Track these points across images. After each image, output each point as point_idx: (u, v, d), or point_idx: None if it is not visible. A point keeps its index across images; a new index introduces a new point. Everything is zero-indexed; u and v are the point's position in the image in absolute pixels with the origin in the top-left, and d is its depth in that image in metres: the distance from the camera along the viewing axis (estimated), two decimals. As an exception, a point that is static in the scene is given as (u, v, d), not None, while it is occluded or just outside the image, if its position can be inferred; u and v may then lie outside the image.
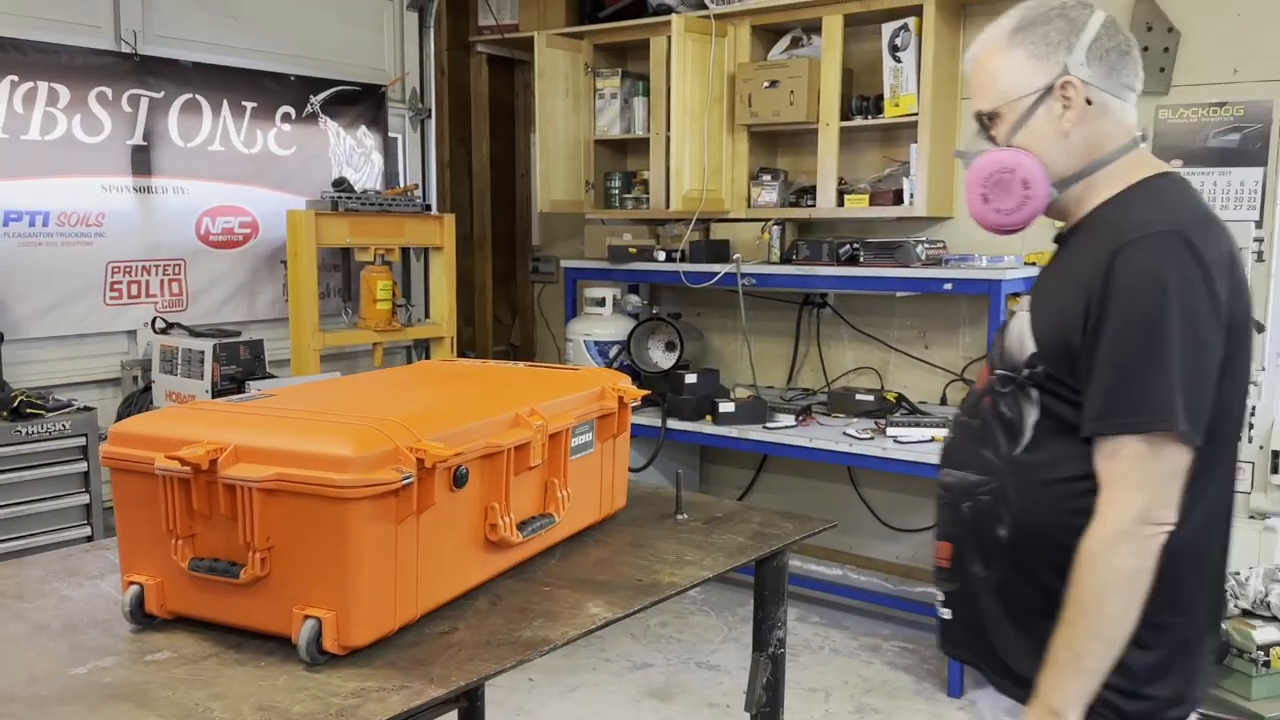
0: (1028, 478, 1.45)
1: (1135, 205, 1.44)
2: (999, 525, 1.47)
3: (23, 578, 1.83)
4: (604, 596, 1.76)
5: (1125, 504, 1.35)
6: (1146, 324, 1.34)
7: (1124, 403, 1.34)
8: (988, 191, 1.49)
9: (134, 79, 3.96)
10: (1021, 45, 1.47)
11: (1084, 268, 1.41)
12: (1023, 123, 1.46)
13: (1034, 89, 1.46)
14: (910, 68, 4.13)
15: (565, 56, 4.87)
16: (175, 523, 1.54)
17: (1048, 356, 1.43)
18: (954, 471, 1.56)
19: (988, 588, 1.50)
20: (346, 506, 1.45)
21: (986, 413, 1.51)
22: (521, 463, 1.80)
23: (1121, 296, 1.35)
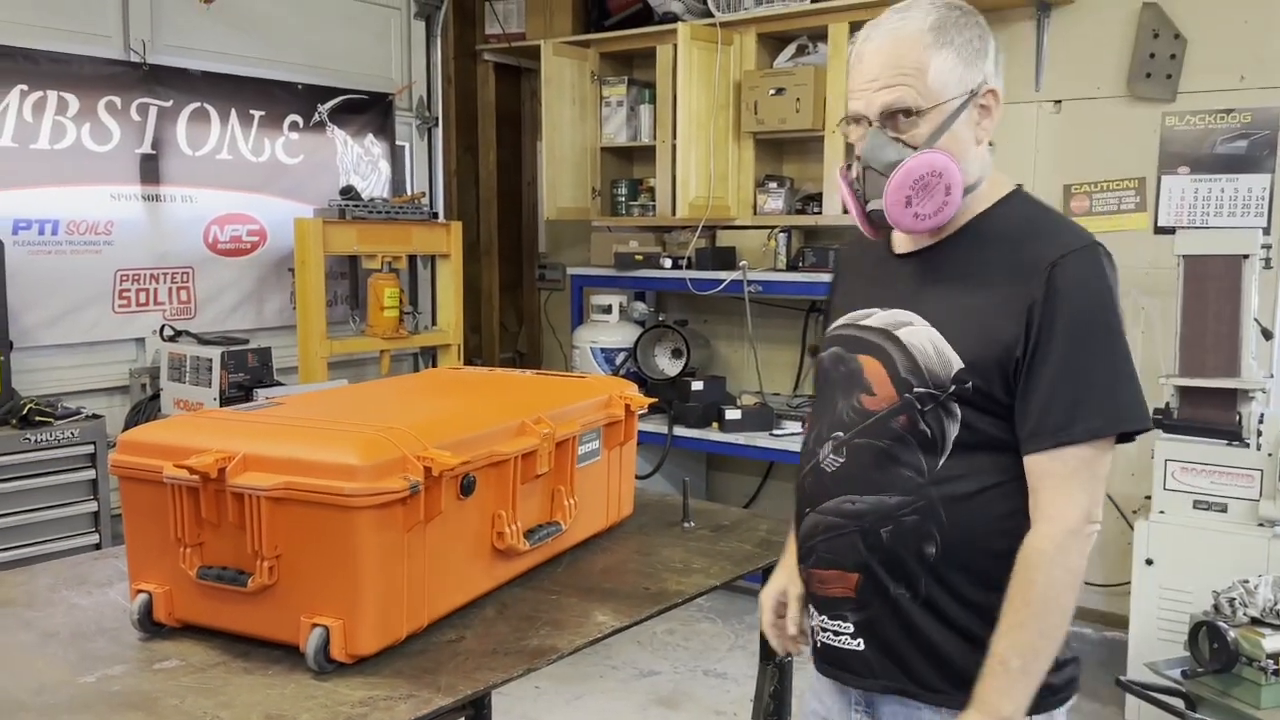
0: (953, 491, 1.43)
1: (1029, 220, 1.47)
2: (927, 543, 1.44)
3: (33, 586, 1.83)
4: (611, 605, 1.76)
5: (1073, 505, 1.38)
6: (1100, 333, 1.38)
7: (1094, 409, 1.37)
8: (913, 194, 1.42)
9: (143, 88, 3.98)
10: (948, 46, 1.42)
11: (1002, 280, 1.41)
12: (946, 126, 1.42)
13: (961, 93, 1.43)
14: (916, 75, 4.12)
15: (572, 65, 4.89)
16: (184, 531, 1.55)
17: (979, 371, 1.40)
18: (862, 498, 1.48)
19: (914, 606, 1.46)
20: (354, 515, 1.46)
21: (900, 432, 1.45)
22: (528, 471, 1.80)
23: (1071, 309, 1.37)
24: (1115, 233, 4.09)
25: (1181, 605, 3.27)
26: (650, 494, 2.42)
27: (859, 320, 1.54)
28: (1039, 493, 1.39)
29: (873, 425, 1.48)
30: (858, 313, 1.55)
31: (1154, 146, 4.03)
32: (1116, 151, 4.11)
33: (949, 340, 1.42)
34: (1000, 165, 4.32)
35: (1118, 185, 4.11)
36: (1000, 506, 1.42)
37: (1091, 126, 4.16)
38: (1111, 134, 4.12)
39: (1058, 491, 1.38)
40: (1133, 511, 3.94)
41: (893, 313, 1.50)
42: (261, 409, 1.78)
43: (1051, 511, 1.38)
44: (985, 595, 1.42)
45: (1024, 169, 4.29)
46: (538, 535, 1.84)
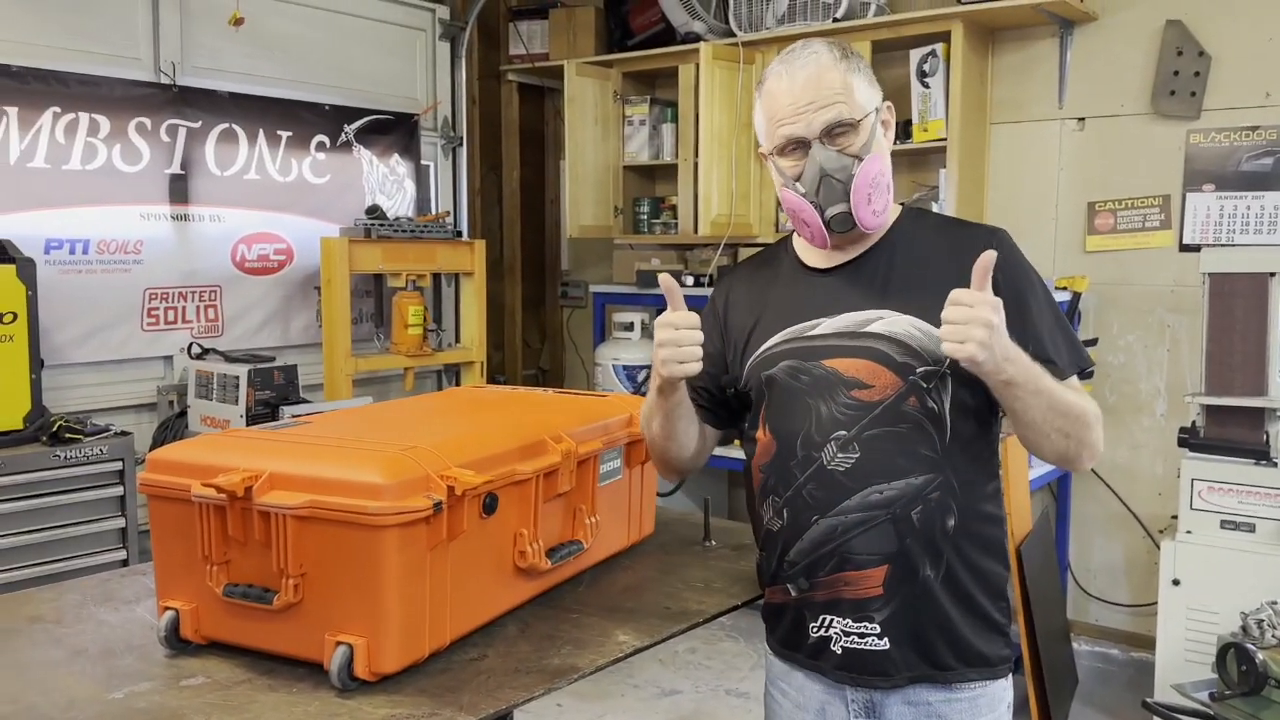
0: (958, 458, 1.57)
1: (945, 222, 1.74)
2: (948, 516, 1.56)
3: (62, 603, 1.86)
4: (632, 624, 1.76)
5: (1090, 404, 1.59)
6: (1047, 293, 1.62)
7: (1080, 350, 1.64)
8: (871, 192, 1.57)
9: (172, 109, 4.04)
10: (857, 71, 1.59)
11: (956, 259, 1.54)
12: (873, 136, 1.59)
13: (873, 109, 1.60)
14: (939, 93, 4.14)
15: (594, 84, 4.92)
16: (210, 549, 1.57)
17: None
18: (891, 484, 1.56)
19: (935, 585, 1.57)
20: (378, 534, 1.47)
21: (913, 413, 1.56)
22: (550, 489, 1.81)
23: (1026, 278, 1.59)
24: (1140, 250, 4.07)
25: (1209, 626, 3.23)
26: (671, 512, 2.42)
27: (805, 332, 1.62)
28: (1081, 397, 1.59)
29: (884, 413, 1.56)
30: (796, 327, 1.63)
31: (1178, 164, 4.01)
32: (1140, 169, 4.09)
33: (929, 320, 1.52)
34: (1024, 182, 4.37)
35: (1142, 203, 4.09)
36: (988, 470, 1.61)
37: (1115, 144, 4.15)
38: (1135, 151, 4.10)
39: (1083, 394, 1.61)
40: (1159, 531, 3.91)
41: (848, 316, 1.60)
42: (288, 428, 1.81)
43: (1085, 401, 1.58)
44: (988, 562, 1.60)
45: (1047, 186, 4.28)
46: (559, 554, 1.84)
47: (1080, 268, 4.18)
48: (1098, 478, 4.20)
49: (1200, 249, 3.69)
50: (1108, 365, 4.18)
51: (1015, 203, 4.34)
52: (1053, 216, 4.28)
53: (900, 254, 1.64)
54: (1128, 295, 4.10)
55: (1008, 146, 4.36)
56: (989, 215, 4.38)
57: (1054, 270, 4.21)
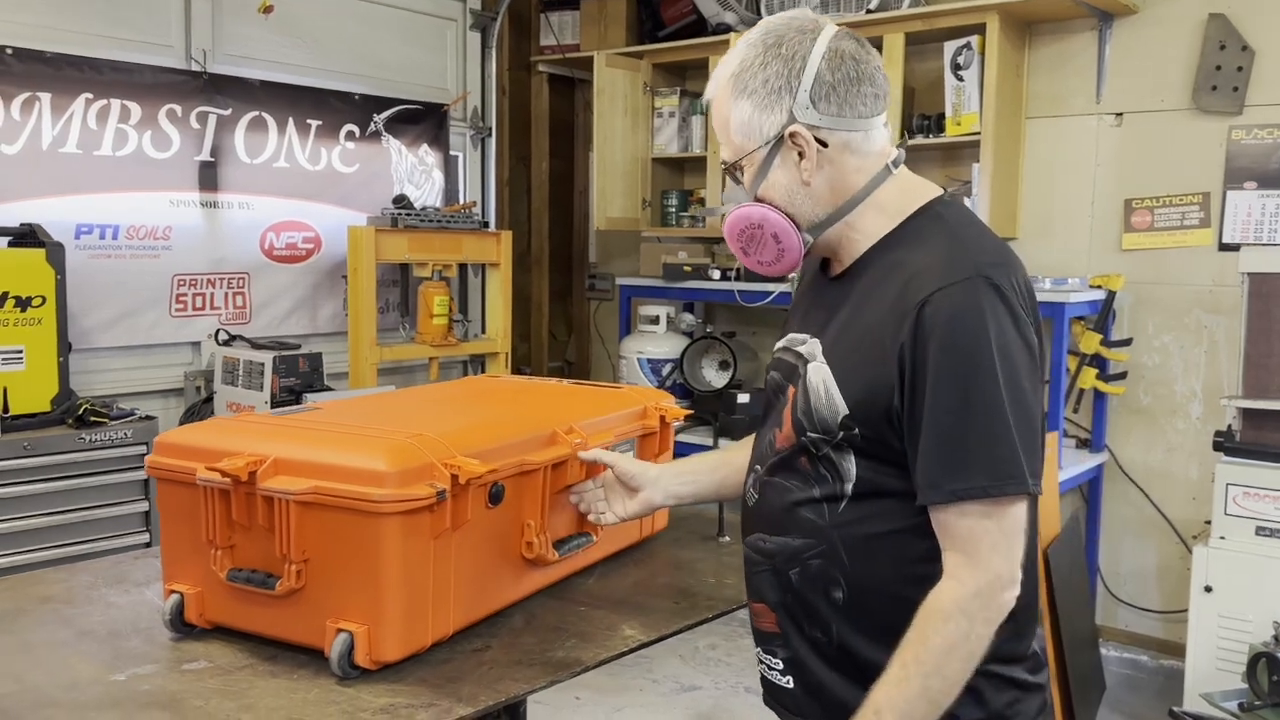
0: (855, 534, 1.36)
1: (923, 245, 1.35)
2: (833, 588, 1.38)
3: (73, 583, 1.87)
4: (640, 618, 1.74)
5: (978, 568, 1.26)
6: (969, 381, 1.25)
7: (963, 468, 1.25)
8: (745, 245, 1.43)
9: (203, 97, 4.07)
10: (744, 94, 1.37)
11: (884, 319, 1.32)
12: (762, 175, 1.38)
13: (764, 141, 1.37)
14: (973, 86, 4.07)
15: (625, 76, 4.89)
16: (215, 533, 1.56)
17: (862, 419, 1.33)
18: (772, 538, 1.44)
19: (829, 650, 1.40)
20: (381, 521, 1.46)
21: (802, 472, 1.40)
22: (559, 480, 1.79)
23: (938, 354, 1.26)
24: (1178, 249, 3.98)
25: (1241, 635, 3.16)
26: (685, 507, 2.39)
27: (795, 345, 1.47)
28: (945, 550, 1.29)
29: (778, 464, 1.44)
30: (795, 335, 1.49)
31: (1219, 160, 3.92)
32: (1180, 165, 4.00)
33: (838, 382, 1.35)
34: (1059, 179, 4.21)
35: (1181, 200, 4.00)
36: (909, 551, 1.33)
37: (1154, 140, 4.06)
38: (1175, 147, 4.01)
39: (963, 552, 1.27)
40: (1192, 536, 3.83)
41: (814, 342, 1.43)
42: (299, 413, 1.80)
43: (957, 572, 1.27)
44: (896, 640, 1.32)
45: (1083, 182, 4.20)
46: (568, 546, 1.82)
47: (1116, 266, 4.09)
48: (1130, 480, 4.12)
49: (1240, 248, 3.60)
50: (1142, 366, 4.10)
51: (1050, 199, 4.27)
52: (1088, 214, 4.20)
53: (860, 286, 1.40)
54: (1164, 295, 4.01)
55: (1043, 142, 4.28)
56: (1023, 212, 4.30)
57: (1088, 268, 4.13)
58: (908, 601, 1.31)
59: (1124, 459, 4.14)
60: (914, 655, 1.27)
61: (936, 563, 1.31)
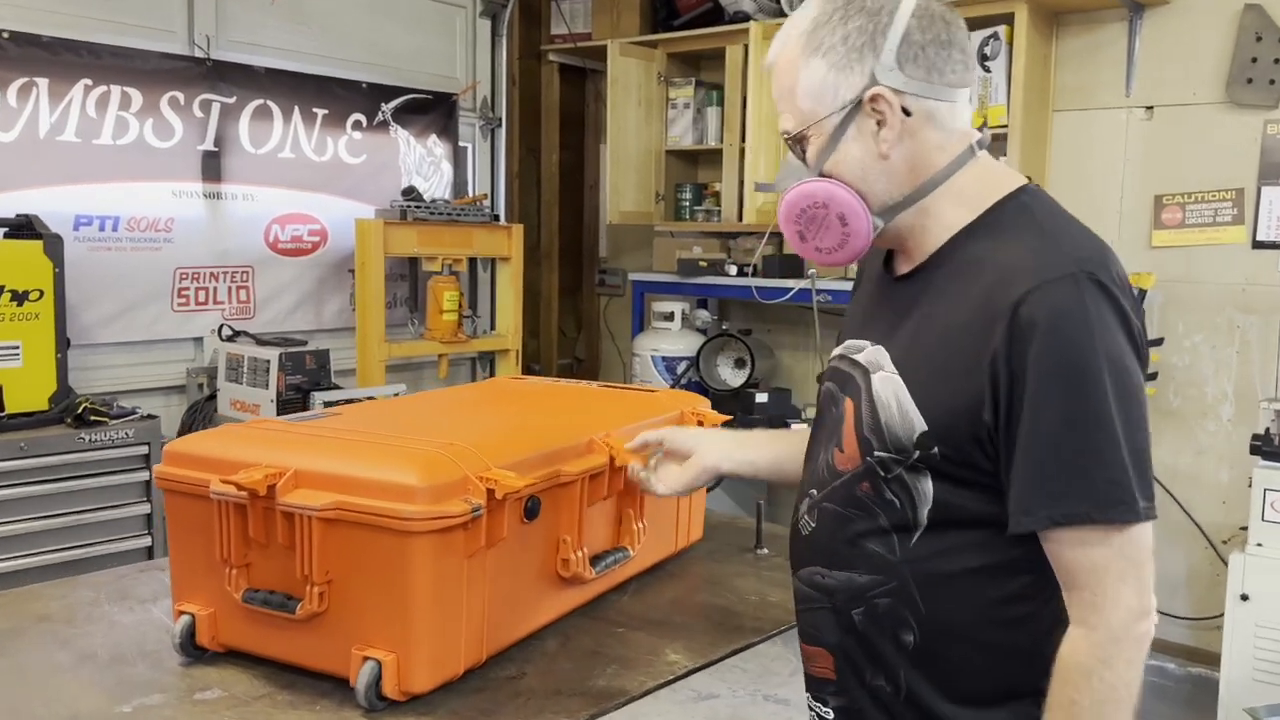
0: (930, 570, 1.20)
1: (1010, 238, 1.20)
2: (904, 630, 1.22)
3: (73, 599, 1.75)
4: (682, 641, 1.63)
5: (1107, 606, 1.11)
6: (1075, 393, 1.11)
7: (1065, 492, 1.11)
8: (803, 228, 1.24)
9: (206, 84, 3.94)
10: (819, 53, 1.20)
11: (968, 322, 1.17)
12: (831, 146, 1.22)
13: (838, 105, 1.20)
14: (1000, 78, 3.94)
15: (638, 65, 4.77)
16: (230, 551, 1.45)
17: (943, 437, 1.17)
18: (832, 572, 1.27)
19: (895, 702, 1.24)
20: (412, 540, 1.34)
21: (866, 500, 1.24)
22: (595, 492, 1.68)
23: (1039, 362, 1.11)
24: (1210, 247, 3.87)
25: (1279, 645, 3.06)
26: (719, 515, 2.28)
27: (852, 353, 1.31)
28: (1066, 590, 1.14)
29: (839, 489, 1.27)
30: (853, 343, 1.32)
31: (1254, 156, 3.80)
32: (1213, 160, 3.88)
33: (913, 395, 1.19)
34: (1087, 173, 4.02)
35: (1214, 196, 3.88)
36: (991, 591, 1.19)
37: (1186, 134, 3.94)
38: (1208, 142, 3.89)
39: (1089, 588, 1.12)
40: (1223, 541, 3.73)
41: (876, 350, 1.27)
42: (316, 419, 1.68)
43: (1088, 615, 1.12)
44: (980, 695, 1.21)
45: (1111, 177, 4.08)
46: (604, 562, 1.71)
47: (1145, 264, 3.98)
48: (1158, 483, 4.00)
49: (1276, 246, 3.49)
50: (1172, 367, 3.98)
51: (1078, 194, 4.14)
52: (1117, 210, 4.08)
53: (936, 285, 1.24)
54: (1195, 294, 3.90)
55: (1071, 135, 4.16)
56: (1049, 207, 4.18)
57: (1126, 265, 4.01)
58: (990, 649, 1.19)
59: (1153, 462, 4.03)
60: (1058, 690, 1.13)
61: (1027, 604, 1.18)
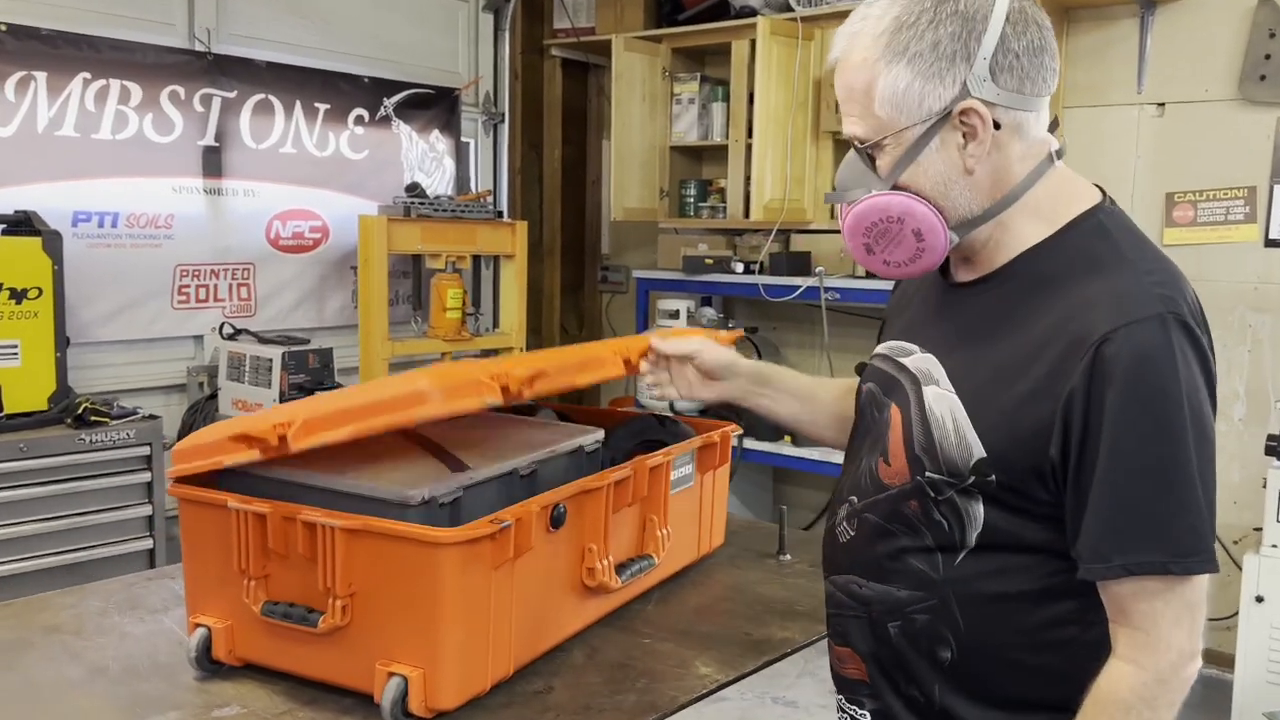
0: (973, 591, 1.18)
1: (1088, 265, 1.13)
2: (941, 647, 1.20)
3: (82, 609, 1.70)
4: (712, 653, 1.58)
5: (1159, 649, 1.08)
6: (1155, 440, 1.06)
7: (1141, 540, 1.07)
8: (871, 242, 1.18)
9: (206, 78, 3.87)
10: (903, 58, 1.11)
11: (1040, 351, 1.11)
12: (910, 158, 1.14)
13: (923, 117, 1.12)
14: (1011, 74, 3.90)
15: (643, 60, 4.71)
16: (248, 562, 1.40)
17: (1003, 466, 1.13)
18: (870, 584, 1.25)
19: (929, 711, 1.23)
20: (438, 552, 1.30)
21: (913, 519, 1.20)
22: (620, 499, 1.63)
23: (1119, 405, 1.06)
24: (1221, 245, 3.83)
25: (1298, 649, 3.03)
26: (738, 520, 2.23)
27: (898, 355, 1.28)
28: (1115, 625, 1.11)
29: (884, 503, 1.23)
30: (899, 344, 1.29)
31: (1266, 153, 3.77)
32: (1225, 158, 3.85)
33: (971, 418, 1.15)
34: (1098, 170, 3.96)
35: (1225, 194, 3.85)
36: (1034, 616, 1.16)
37: (1198, 131, 3.90)
38: (1220, 139, 3.86)
39: (1142, 630, 1.09)
40: (1234, 542, 3.70)
41: (927, 359, 1.23)
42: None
43: (1136, 655, 1.09)
44: (1014, 713, 1.19)
45: (1122, 175, 4.05)
46: (629, 571, 1.67)
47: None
48: (1169, 484, 3.98)
49: (1291, 244, 3.47)
50: (1183, 366, 3.95)
51: (1087, 192, 4.11)
52: (1128, 207, 3.95)
53: (1003, 303, 1.18)
54: (1207, 292, 3.81)
55: (1082, 132, 4.12)
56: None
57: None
58: (1024, 668, 1.17)
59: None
60: None
61: (1069, 629, 1.16)
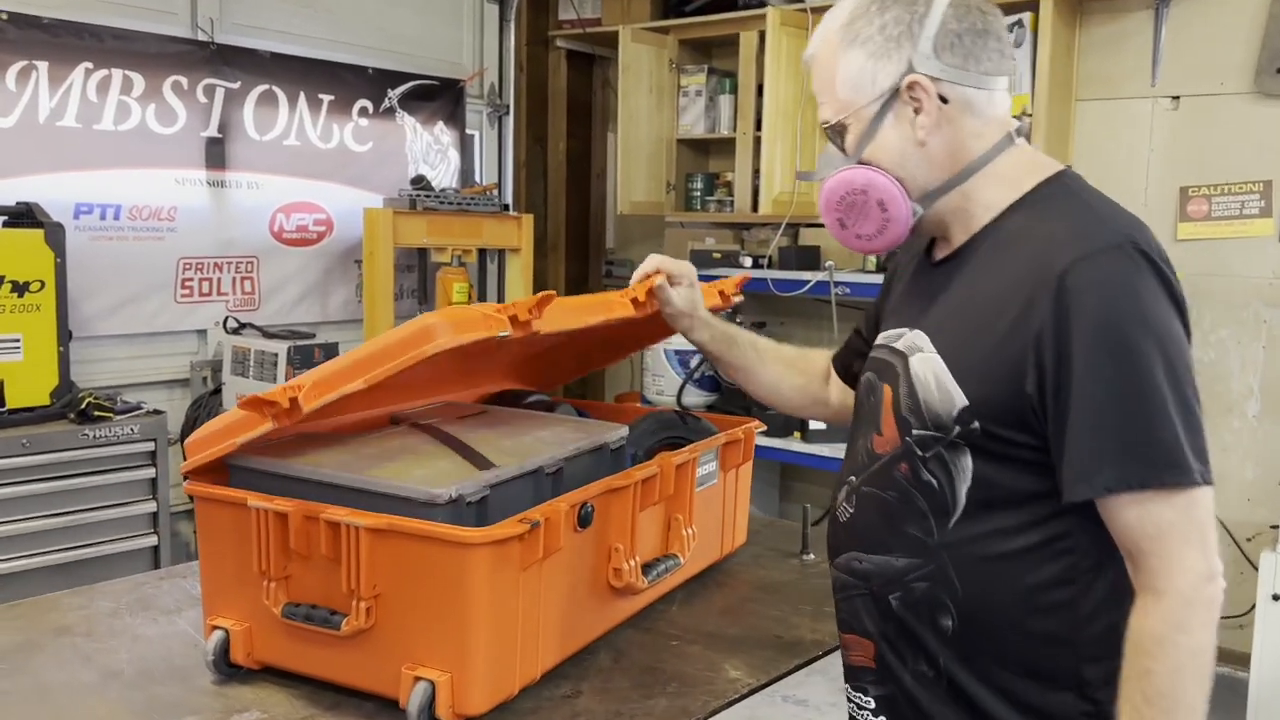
0: (969, 554, 1.19)
1: (1052, 212, 1.21)
2: (942, 614, 1.21)
3: (92, 611, 1.65)
4: (741, 656, 1.54)
5: (1174, 570, 1.09)
6: (1123, 363, 1.11)
7: (1117, 458, 1.10)
8: (843, 215, 1.27)
9: (209, 68, 3.82)
10: (856, 43, 1.23)
11: (1009, 294, 1.17)
12: (870, 134, 1.24)
13: (876, 94, 1.23)
14: (1024, 66, 3.86)
15: (650, 52, 4.66)
16: (268, 562, 1.35)
17: (985, 411, 1.17)
18: (869, 557, 1.27)
19: (938, 688, 1.23)
20: (468, 553, 1.25)
21: (904, 482, 1.23)
22: (647, 497, 1.59)
23: (1087, 333, 1.11)
24: (1236, 240, 3.79)
25: (1318, 648, 2.99)
26: (758, 519, 2.19)
27: (891, 341, 1.32)
28: (1131, 560, 1.13)
29: (877, 472, 1.27)
30: (891, 332, 1.33)
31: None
32: (1240, 152, 3.80)
33: (953, 371, 1.20)
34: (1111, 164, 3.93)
35: (1240, 188, 3.81)
36: (1035, 576, 1.17)
37: (1213, 125, 3.86)
38: (1235, 133, 3.81)
39: (1154, 555, 1.10)
40: (1247, 539, 3.66)
41: (915, 335, 1.27)
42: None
43: (1155, 582, 1.10)
44: (1020, 684, 1.18)
45: (1136, 169, 4.00)
46: (655, 571, 1.62)
47: (1170, 257, 3.89)
48: (1182, 481, 3.94)
49: (1307, 239, 3.43)
50: (1197, 362, 3.88)
51: (1101, 186, 3.94)
52: (1142, 201, 4.00)
53: (976, 265, 1.25)
54: (1221, 287, 3.82)
55: (1094, 125, 4.08)
56: (1071, 199, 4.10)
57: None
58: (1024, 632, 1.18)
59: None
60: (1142, 695, 1.09)
61: (1065, 589, 1.17)
